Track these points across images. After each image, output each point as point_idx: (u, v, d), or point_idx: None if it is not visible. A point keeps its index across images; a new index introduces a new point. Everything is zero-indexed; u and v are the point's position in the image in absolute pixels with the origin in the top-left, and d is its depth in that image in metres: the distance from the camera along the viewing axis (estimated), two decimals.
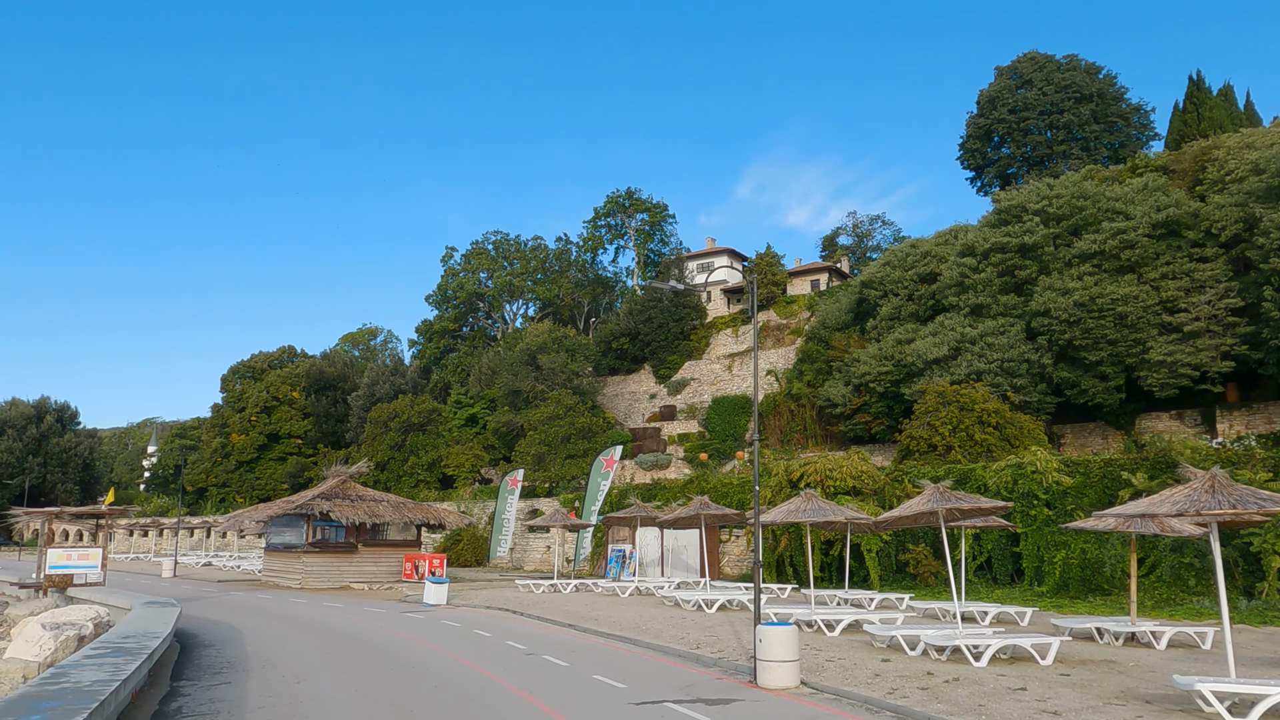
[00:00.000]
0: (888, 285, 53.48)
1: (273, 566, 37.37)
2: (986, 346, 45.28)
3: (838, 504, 30.42)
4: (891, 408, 50.45)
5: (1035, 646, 14.98)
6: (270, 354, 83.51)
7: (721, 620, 21.02)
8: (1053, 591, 26.69)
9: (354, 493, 34.94)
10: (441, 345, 78.16)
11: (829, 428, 55.74)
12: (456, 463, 61.92)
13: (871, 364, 50.23)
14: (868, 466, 31.66)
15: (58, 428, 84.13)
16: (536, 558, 42.36)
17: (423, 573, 33.59)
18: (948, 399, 41.61)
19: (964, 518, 17.02)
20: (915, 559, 29.98)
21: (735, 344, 66.06)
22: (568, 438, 56.59)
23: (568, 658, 16.53)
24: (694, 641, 17.44)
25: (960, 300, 48.00)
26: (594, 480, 33.30)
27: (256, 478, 77.17)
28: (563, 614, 22.80)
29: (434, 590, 26.38)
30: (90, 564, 24.94)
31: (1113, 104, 54.15)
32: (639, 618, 21.57)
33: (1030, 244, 46.03)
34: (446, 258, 79.03)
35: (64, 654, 15.20)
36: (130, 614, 17.36)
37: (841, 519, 19.05)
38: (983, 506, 15.52)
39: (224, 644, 18.75)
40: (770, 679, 13.23)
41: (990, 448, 39.72)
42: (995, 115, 55.98)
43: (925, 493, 16.04)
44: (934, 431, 41.21)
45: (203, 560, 54.58)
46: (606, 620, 21.20)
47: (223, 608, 27.12)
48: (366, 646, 18.18)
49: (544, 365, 62.40)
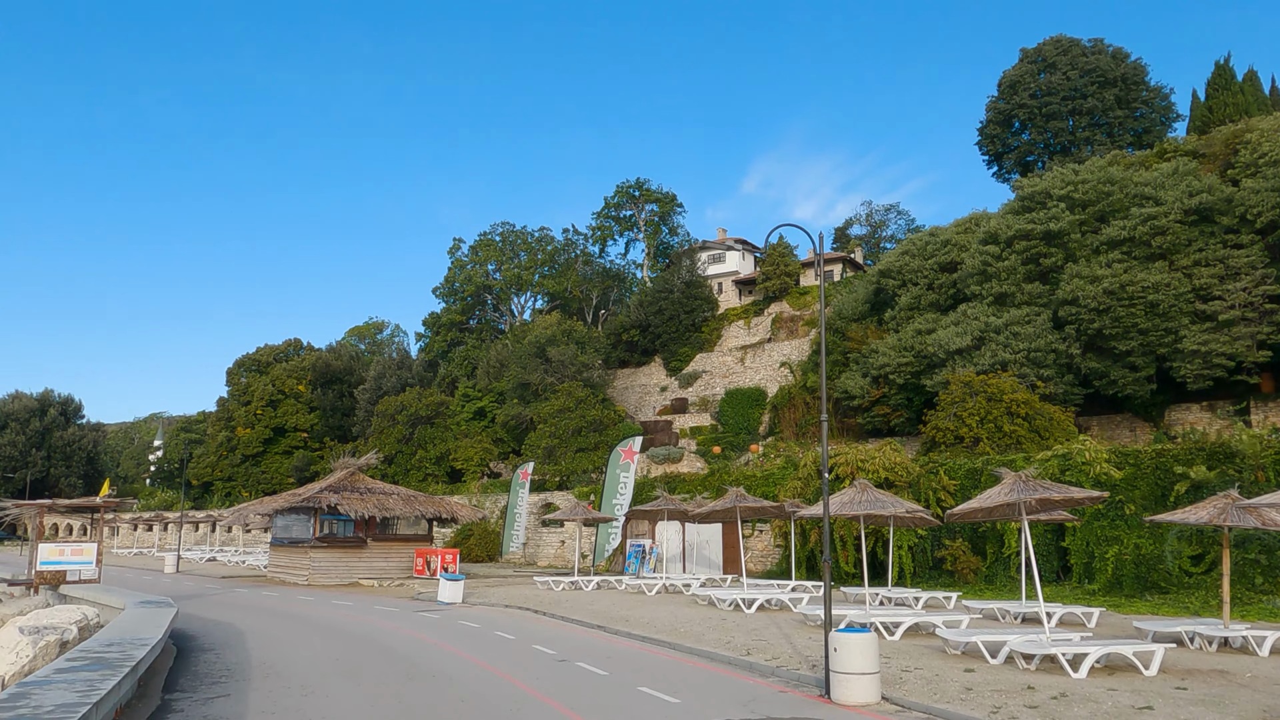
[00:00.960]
0: (906, 274, 51.55)
1: (279, 562, 35.50)
2: (1012, 336, 43.40)
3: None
4: (911, 399, 48.58)
5: (1138, 655, 13.10)
6: (276, 347, 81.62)
7: (763, 621, 19.13)
8: (1105, 590, 24.80)
9: (363, 485, 33.08)
10: (449, 338, 76.26)
11: (846, 420, 53.83)
12: (465, 456, 60.06)
13: (891, 355, 48.34)
14: (901, 458, 29.77)
15: (61, 421, 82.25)
16: (550, 553, 40.49)
17: (434, 569, 31.72)
18: (975, 389, 39.74)
19: (1042, 510, 15.15)
20: (953, 555, 28.12)
21: (748, 336, 64.14)
22: (579, 430, 54.72)
23: (605, 665, 14.66)
24: (741, 646, 15.57)
25: (983, 289, 46.11)
26: (612, 473, 31.43)
27: (262, 471, 75.33)
28: (589, 614, 20.93)
29: (449, 588, 24.50)
30: (84, 560, 23.06)
31: (1137, 89, 52.20)
32: (673, 618, 19.69)
33: (1056, 231, 44.12)
34: (454, 249, 77.14)
35: (43, 661, 13.36)
36: (120, 616, 15.50)
37: (901, 511, 17.20)
38: (1075, 496, 13.63)
39: (225, 647, 16.89)
40: (848, 693, 11.35)
41: (1020, 439, 37.87)
42: (1017, 100, 53.99)
43: (1006, 482, 14.15)
44: (961, 423, 39.35)
45: (207, 555, 52.71)
46: (638, 621, 19.32)
47: (225, 606, 25.26)
48: (381, 650, 16.31)
49: (553, 358, 60.52)
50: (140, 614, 15.66)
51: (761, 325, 63.77)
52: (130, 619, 14.90)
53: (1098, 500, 14.46)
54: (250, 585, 33.12)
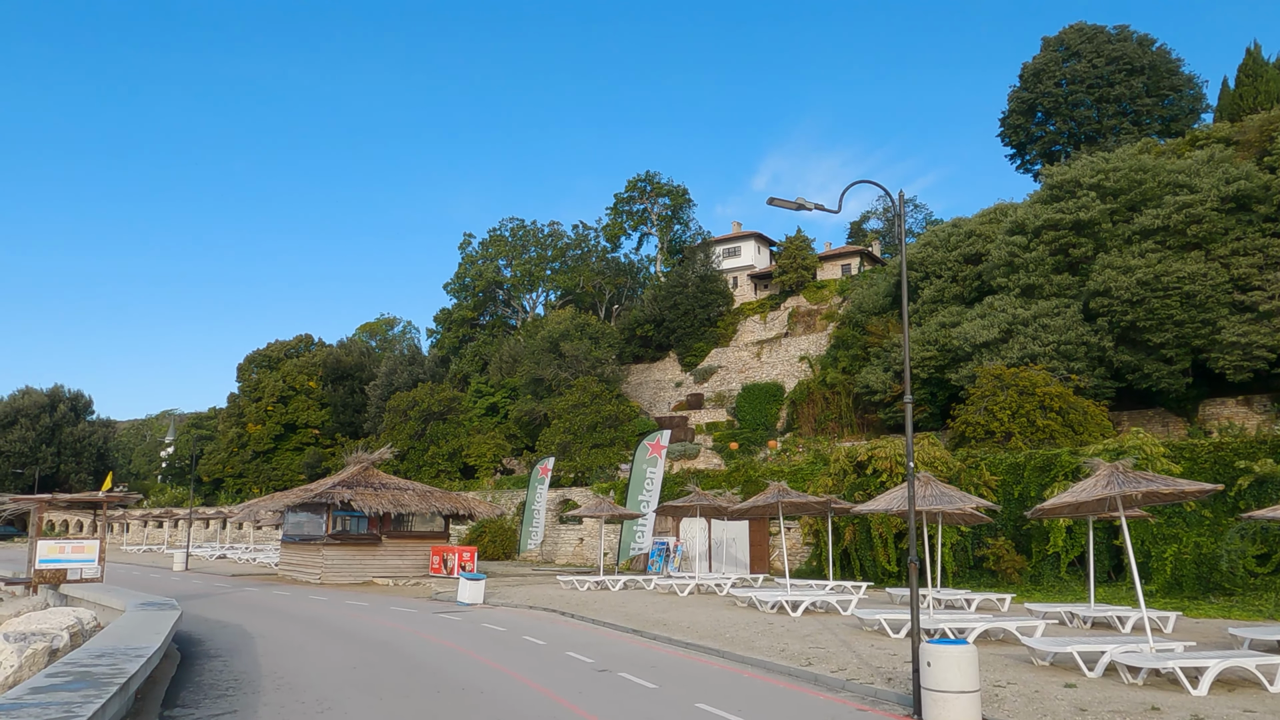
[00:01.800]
0: (929, 266, 49.87)
1: (290, 560, 33.92)
2: (1041, 328, 41.75)
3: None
4: (935, 394, 46.94)
5: (1260, 668, 11.46)
6: (287, 343, 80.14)
7: (813, 626, 17.49)
8: (1163, 591, 23.10)
9: (377, 480, 31.48)
10: (460, 334, 74.69)
11: (866, 415, 52.19)
12: (478, 452, 58.50)
13: (914, 349, 46.69)
14: (940, 452, 28.10)
15: (71, 417, 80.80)
16: (568, 551, 38.85)
17: (451, 567, 30.12)
18: (1005, 383, 38.09)
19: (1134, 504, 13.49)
20: (995, 554, 26.44)
21: (764, 331, 62.47)
22: (594, 426, 53.12)
23: (651, 676, 13.04)
24: (799, 655, 13.95)
25: (1010, 281, 44.44)
26: (638, 467, 29.78)
27: (273, 468, 73.88)
28: (621, 616, 19.31)
29: (469, 588, 22.88)
30: (86, 558, 21.52)
31: (1165, 77, 50.42)
32: (714, 622, 18.06)
33: (1086, 220, 42.43)
34: (464, 245, 75.53)
35: (29, 672, 11.81)
36: (118, 621, 13.95)
37: (969, 507, 15.58)
38: (1185, 489, 12.01)
39: (232, 653, 15.32)
40: (945, 714, 9.71)
41: (1053, 434, 36.24)
42: (1040, 89, 52.25)
43: (1099, 473, 12.52)
44: (992, 417, 37.70)
45: (217, 552, 51.17)
46: (676, 625, 17.69)
47: (234, 606, 23.70)
48: (402, 658, 14.73)
49: (567, 353, 58.94)
50: (139, 618, 14.09)
51: (778, 320, 62.11)
52: (128, 624, 13.34)
53: (1209, 492, 12.79)
54: (261, 584, 31.57)
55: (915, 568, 11.30)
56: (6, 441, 75.66)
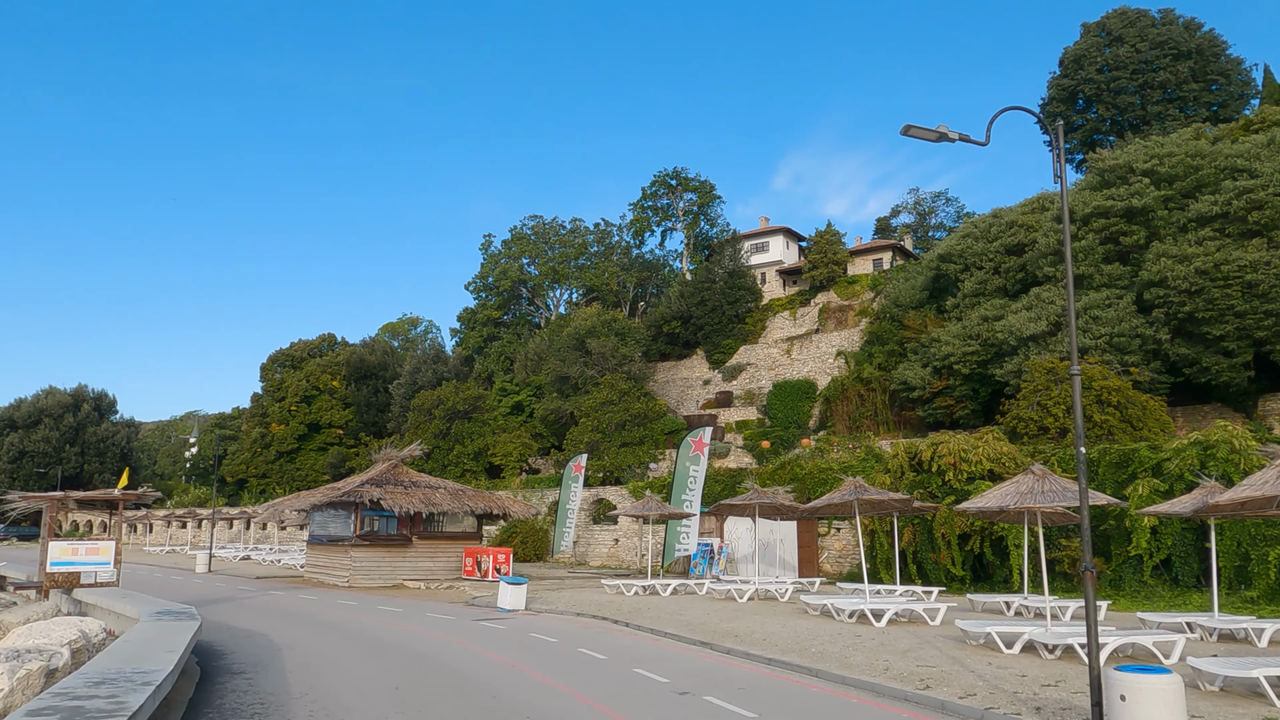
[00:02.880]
0: (969, 258, 47.60)
1: (316, 562, 32.05)
2: (1092, 320, 39.46)
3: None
4: (977, 390, 44.70)
5: None
6: (310, 342, 78.52)
7: (908, 638, 15.36)
8: (1266, 596, 20.87)
9: (407, 478, 29.56)
10: (484, 334, 72.85)
11: (904, 413, 49.95)
12: (504, 451, 56.60)
13: (955, 344, 44.45)
14: (1006, 448, 25.93)
15: (95, 416, 79.43)
16: (603, 552, 36.83)
17: (485, 570, 28.16)
18: (1059, 376, 35.83)
19: None
20: (1070, 556, 24.25)
21: (794, 327, 60.29)
22: (622, 424, 51.11)
23: (744, 701, 11.00)
24: (909, 676, 11.88)
25: (1057, 271, 42.19)
26: (681, 465, 27.75)
27: (297, 468, 72.24)
28: (682, 626, 17.27)
29: (510, 592, 20.89)
30: (101, 560, 19.68)
31: (1212, 61, 48.00)
32: (791, 633, 15.99)
33: (1139, 207, 40.13)
34: (486, 244, 73.73)
35: (23, 698, 9.92)
36: (128, 634, 12.06)
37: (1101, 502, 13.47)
38: None
39: (258, 669, 13.40)
40: None
41: (1111, 430, 33.96)
42: (1081, 75, 49.89)
43: None
44: (1045, 412, 35.45)
45: (240, 554, 49.43)
46: (750, 637, 15.63)
47: (259, 612, 21.80)
48: (448, 676, 12.76)
49: (593, 350, 56.96)
50: (153, 631, 12.17)
51: (808, 316, 59.93)
52: (139, 639, 11.41)
53: None
54: (286, 587, 29.71)
55: (1092, 576, 9.23)
56: (30, 442, 74.39)
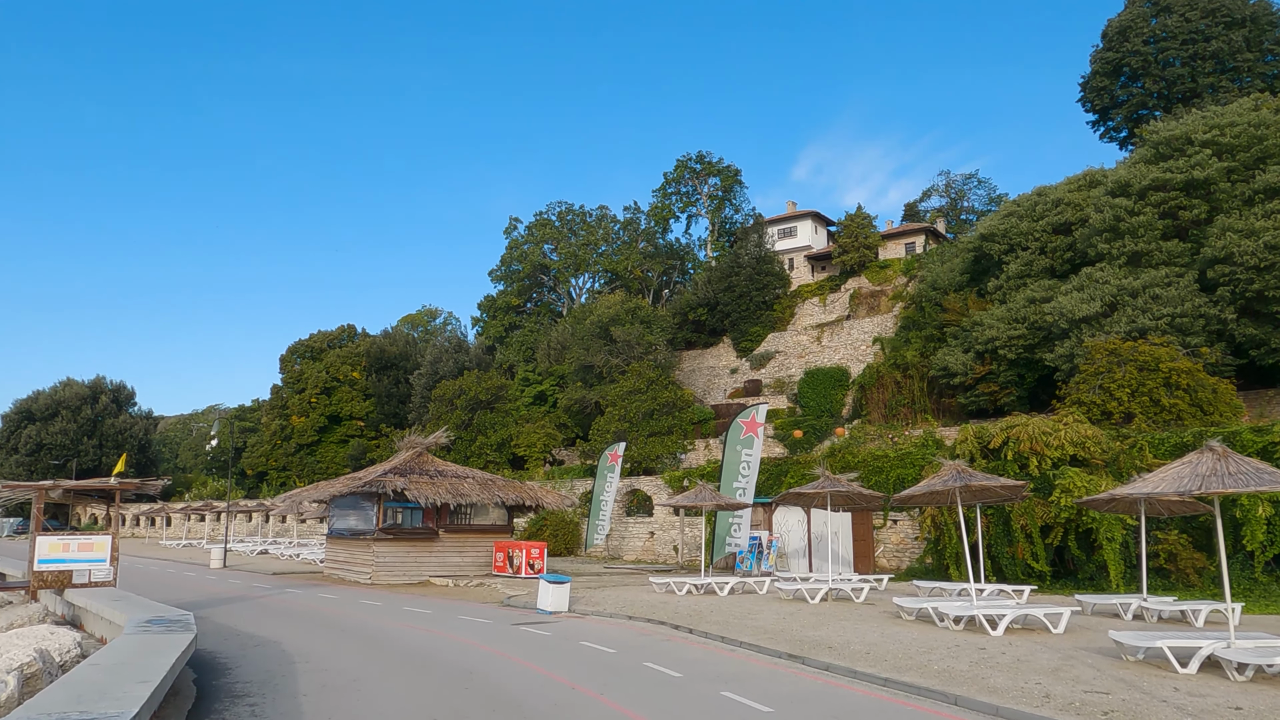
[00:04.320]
0: (1013, 238, 44.67)
1: (336, 557, 29.55)
2: (1151, 300, 36.53)
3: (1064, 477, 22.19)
4: (1023, 376, 41.85)
5: None
6: (330, 333, 76.19)
7: (1044, 652, 12.57)
8: None
9: (432, 467, 27.00)
10: (506, 322, 70.32)
11: (943, 400, 47.12)
12: (527, 442, 54.05)
13: (1000, 327, 41.59)
14: (1091, 431, 23.12)
15: (113, 408, 77.34)
16: (637, 546, 34.20)
17: (518, 565, 25.57)
18: (1123, 358, 32.96)
19: None
20: (1168, 550, 21.47)
21: (823, 314, 57.48)
22: (650, 413, 48.43)
23: None
24: (1086, 708, 9.17)
25: (1112, 248, 39.21)
26: (731, 450, 25.04)
27: (317, 461, 69.95)
28: (759, 634, 14.62)
29: (552, 592, 18.26)
30: (95, 557, 17.23)
31: (1268, 30, 44.87)
32: (896, 645, 13.30)
33: (1200, 179, 37.19)
34: (510, 229, 71.11)
35: None
36: (102, 652, 9.51)
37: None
38: None
39: (265, 690, 10.87)
40: None
41: (1180, 414, 31.13)
42: (1127, 48, 46.83)
43: None
44: (1109, 396, 32.56)
45: (258, 548, 47.05)
46: (847, 649, 12.96)
47: (273, 614, 19.28)
48: (501, 703, 10.17)
49: (618, 338, 54.31)
50: (132, 649, 9.62)
51: (838, 302, 57.10)
52: (111, 661, 8.87)
53: None
54: (304, 584, 27.23)
55: None
56: (48, 434, 72.40)
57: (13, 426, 74.59)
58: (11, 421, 74.68)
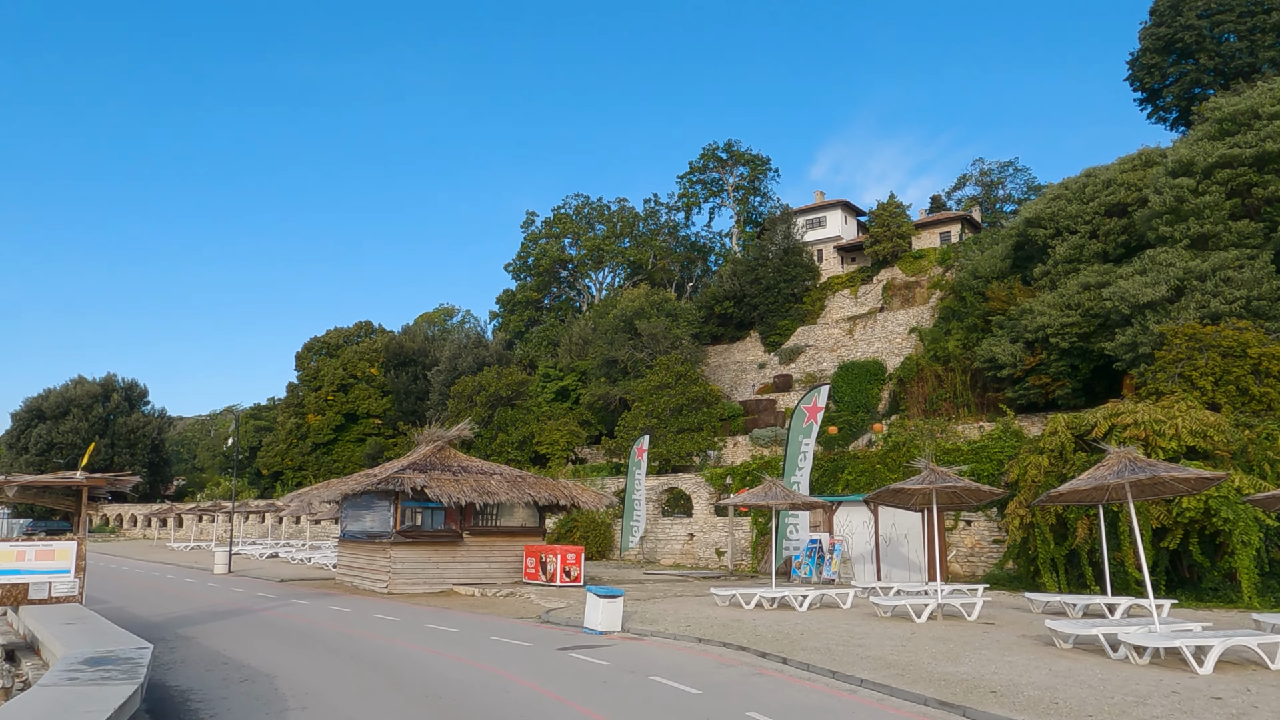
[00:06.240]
0: (1061, 222, 41.22)
1: (350, 562, 26.30)
2: (1223, 283, 33.05)
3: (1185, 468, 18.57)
4: (1076, 367, 38.38)
5: None
6: (346, 330, 73.15)
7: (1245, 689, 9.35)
8: None
9: (455, 463, 23.75)
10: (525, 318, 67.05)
11: (988, 394, 43.64)
12: (550, 440, 50.81)
13: (1051, 314, 38.12)
14: (1212, 419, 19.70)
15: (125, 407, 74.43)
16: (675, 549, 30.88)
17: (552, 572, 22.28)
18: (1205, 343, 29.52)
19: None
20: None
21: (855, 306, 54.09)
22: (679, 409, 45.12)
23: None
24: None
25: (1175, 230, 35.74)
26: (794, 440, 21.76)
27: (334, 460, 66.84)
28: (880, 668, 11.26)
29: (602, 609, 14.93)
30: (55, 567, 14.10)
31: None
32: (1080, 688, 9.92)
33: (1273, 152, 33.70)
34: (527, 223, 67.97)
35: None
36: None
37: None
38: None
39: None
40: None
41: (1271, 404, 27.71)
42: (1180, 22, 43.38)
43: None
44: (1190, 385, 29.10)
45: (267, 551, 43.83)
46: (1016, 695, 9.60)
47: (273, 635, 16.04)
48: None
49: (643, 331, 51.04)
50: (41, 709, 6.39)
51: (871, 293, 53.70)
52: None
53: None
54: (314, 593, 23.99)
55: None
56: (59, 433, 69.54)
57: (23, 425, 71.80)
58: (22, 420, 71.87)
